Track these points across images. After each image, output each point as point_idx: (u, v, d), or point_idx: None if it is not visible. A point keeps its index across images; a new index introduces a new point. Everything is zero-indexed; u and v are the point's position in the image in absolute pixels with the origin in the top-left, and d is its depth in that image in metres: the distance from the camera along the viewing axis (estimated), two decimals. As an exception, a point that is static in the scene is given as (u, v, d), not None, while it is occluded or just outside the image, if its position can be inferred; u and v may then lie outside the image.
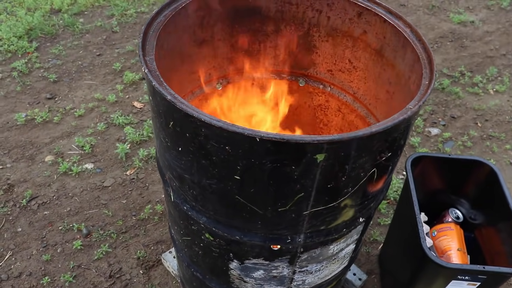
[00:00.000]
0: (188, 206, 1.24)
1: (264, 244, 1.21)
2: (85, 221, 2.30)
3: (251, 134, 0.88)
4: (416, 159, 1.77)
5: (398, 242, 1.90)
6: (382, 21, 1.37)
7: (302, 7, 1.52)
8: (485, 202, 1.83)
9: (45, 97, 3.01)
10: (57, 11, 3.87)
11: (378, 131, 0.93)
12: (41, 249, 2.17)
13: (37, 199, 2.39)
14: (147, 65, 1.07)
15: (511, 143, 2.83)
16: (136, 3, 4.02)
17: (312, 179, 0.99)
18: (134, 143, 2.69)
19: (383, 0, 4.22)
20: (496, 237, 1.73)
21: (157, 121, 1.11)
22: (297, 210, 1.09)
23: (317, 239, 1.22)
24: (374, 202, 1.27)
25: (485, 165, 1.76)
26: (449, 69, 3.43)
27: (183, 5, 1.32)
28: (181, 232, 1.42)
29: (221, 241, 1.27)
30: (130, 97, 3.02)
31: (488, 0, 4.34)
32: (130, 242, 2.21)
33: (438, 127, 2.92)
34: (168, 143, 1.11)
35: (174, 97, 0.96)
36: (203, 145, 0.98)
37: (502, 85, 3.28)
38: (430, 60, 1.17)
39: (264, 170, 0.97)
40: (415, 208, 1.59)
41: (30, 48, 3.40)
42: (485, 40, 3.80)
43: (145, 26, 1.19)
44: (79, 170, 2.52)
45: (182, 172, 1.13)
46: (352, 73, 1.58)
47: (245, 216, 1.13)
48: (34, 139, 2.71)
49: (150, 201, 2.39)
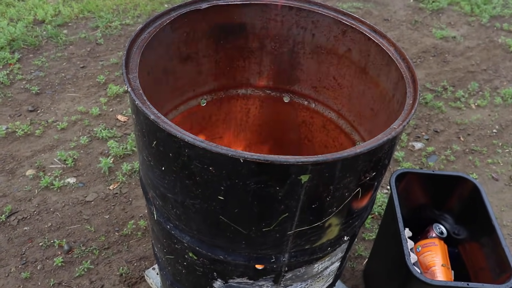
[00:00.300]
0: (172, 225, 1.23)
1: (248, 263, 1.20)
2: (67, 237, 2.25)
3: (235, 155, 0.87)
4: (401, 175, 1.78)
5: (383, 257, 1.90)
6: (366, 39, 1.38)
7: (287, 24, 1.53)
8: (468, 218, 1.84)
9: (27, 109, 2.96)
10: (40, 22, 3.83)
11: (363, 152, 0.93)
12: (20, 266, 2.12)
13: (16, 214, 2.34)
14: (130, 83, 1.06)
15: (493, 157, 2.87)
16: (121, 15, 4.00)
17: (297, 200, 0.99)
18: (117, 157, 2.66)
19: (368, 14, 4.23)
20: (479, 253, 1.74)
21: (140, 139, 1.10)
22: (282, 230, 1.08)
23: (302, 258, 1.21)
24: (358, 220, 1.27)
25: (468, 181, 1.77)
26: (432, 83, 3.48)
27: (168, 21, 1.32)
28: (164, 250, 1.40)
29: (204, 260, 1.25)
30: (114, 110, 2.99)
31: (469, 16, 4.43)
32: (112, 259, 2.17)
33: (422, 141, 2.95)
34: (151, 162, 1.09)
35: (157, 117, 0.95)
36: (186, 165, 0.97)
37: (483, 100, 3.33)
38: (414, 80, 1.18)
39: (248, 191, 0.96)
40: (399, 225, 1.59)
41: (12, 59, 3.35)
42: (467, 55, 3.87)
43: (129, 43, 1.18)
44: (61, 185, 2.48)
45: (165, 191, 1.12)
46: (336, 90, 1.58)
47: (229, 236, 1.11)
48: (14, 153, 2.66)
49: (133, 216, 2.36)
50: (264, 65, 1.64)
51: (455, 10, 4.53)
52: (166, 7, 4.17)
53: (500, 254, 1.57)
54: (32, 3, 3.98)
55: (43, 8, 3.92)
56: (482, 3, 4.60)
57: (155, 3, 4.20)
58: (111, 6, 4.09)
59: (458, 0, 4.65)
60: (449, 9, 4.54)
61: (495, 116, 3.21)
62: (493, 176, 2.74)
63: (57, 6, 3.99)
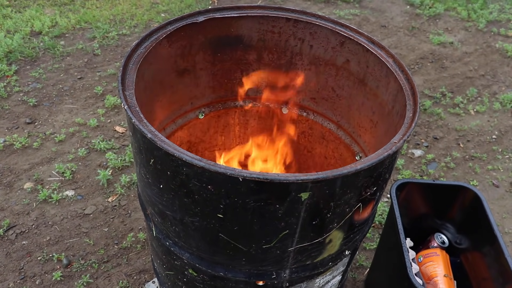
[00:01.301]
0: (171, 241, 1.21)
1: (249, 280, 1.18)
2: (66, 250, 2.23)
3: (234, 174, 0.86)
4: (401, 185, 1.77)
5: (384, 268, 1.88)
6: (364, 50, 1.38)
7: (284, 36, 1.52)
8: (470, 227, 1.83)
9: (24, 121, 2.94)
10: (37, 34, 3.82)
11: (363, 168, 0.92)
12: (19, 281, 2.10)
13: (15, 228, 2.32)
14: (126, 100, 1.04)
15: (493, 164, 2.86)
16: (118, 25, 4.00)
17: (297, 217, 0.97)
18: (116, 169, 2.64)
19: (365, 21, 4.23)
20: (482, 262, 1.73)
21: (138, 157, 1.09)
22: (282, 247, 1.07)
23: (303, 274, 1.20)
24: (360, 234, 1.26)
25: (470, 190, 1.76)
26: (430, 90, 3.47)
27: (164, 35, 1.31)
28: (164, 266, 1.39)
29: (204, 276, 1.24)
30: (112, 122, 2.98)
31: (466, 22, 4.43)
32: (112, 272, 2.15)
33: (421, 148, 2.94)
34: (149, 179, 1.08)
35: (154, 135, 0.94)
36: (185, 183, 0.96)
37: (482, 106, 3.33)
38: (414, 92, 1.17)
39: (248, 209, 0.95)
40: (400, 236, 1.58)
41: (9, 71, 3.34)
42: (464, 61, 3.86)
43: (125, 59, 1.17)
44: (59, 198, 2.46)
45: (164, 209, 1.11)
46: (335, 101, 1.57)
47: (229, 252, 1.10)
48: (12, 166, 2.65)
49: (132, 228, 2.34)
50: (262, 77, 1.63)
51: (452, 15, 4.53)
52: (163, 16, 4.17)
53: (503, 264, 1.55)
54: (29, 15, 3.97)
55: (40, 19, 3.91)
56: (478, 8, 4.61)
57: (152, 13, 4.19)
58: (108, 17, 4.08)
59: (455, 6, 4.66)
60: (445, 15, 4.54)
61: (494, 122, 3.21)
62: (494, 183, 2.73)
63: (54, 17, 3.99)
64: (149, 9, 4.25)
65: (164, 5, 4.34)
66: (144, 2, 4.34)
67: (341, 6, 4.56)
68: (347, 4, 4.61)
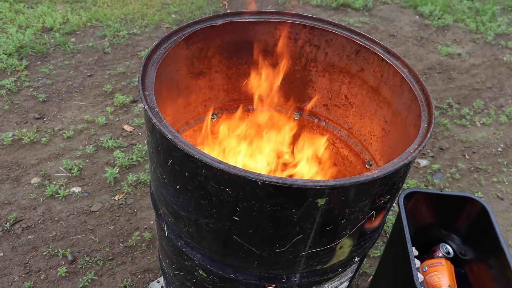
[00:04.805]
0: (183, 242, 1.22)
1: (259, 282, 1.19)
2: (71, 246, 2.24)
3: (253, 177, 0.87)
4: (409, 195, 1.78)
5: (389, 276, 1.89)
6: (380, 60, 1.39)
7: (300, 42, 1.53)
8: (476, 238, 1.84)
9: (33, 116, 2.96)
10: (48, 30, 3.84)
11: (380, 176, 0.93)
12: (24, 275, 2.11)
13: (21, 223, 2.34)
14: (146, 100, 1.06)
15: (498, 176, 2.87)
16: (128, 24, 4.02)
17: (312, 222, 0.99)
18: (123, 167, 2.65)
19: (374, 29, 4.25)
20: (487, 274, 1.73)
21: (155, 157, 1.10)
22: (295, 251, 1.08)
23: (313, 279, 1.21)
24: (369, 242, 1.27)
25: (477, 202, 1.77)
26: (437, 100, 3.49)
27: (183, 37, 1.32)
28: (173, 266, 1.40)
29: (215, 278, 1.25)
30: (120, 120, 2.99)
31: (474, 34, 4.45)
32: (116, 270, 2.16)
33: (427, 158, 2.95)
34: (165, 179, 1.09)
35: (175, 136, 0.95)
36: (202, 185, 0.97)
37: (488, 118, 3.34)
38: (429, 103, 1.18)
39: (264, 212, 0.96)
40: (408, 245, 1.59)
41: (20, 66, 3.36)
42: (472, 72, 3.88)
43: (145, 59, 1.19)
44: (66, 194, 2.47)
45: (179, 209, 1.12)
46: (347, 109, 1.59)
47: (241, 255, 1.11)
48: (20, 160, 2.66)
49: (138, 227, 2.35)
50: (276, 82, 1.64)
51: (460, 27, 4.55)
52: (174, 17, 4.19)
53: (508, 276, 1.56)
54: (41, 11, 4.00)
55: (51, 15, 3.94)
56: (487, 21, 4.62)
57: (162, 13, 4.22)
58: (118, 16, 4.11)
59: (464, 17, 4.67)
60: (454, 26, 4.56)
61: (500, 135, 3.22)
62: (499, 195, 2.73)
63: (66, 14, 4.01)
64: (160, 10, 4.28)
65: (175, 6, 4.36)
66: (155, 3, 4.36)
67: (350, 14, 4.58)
68: (357, 12, 4.63)
